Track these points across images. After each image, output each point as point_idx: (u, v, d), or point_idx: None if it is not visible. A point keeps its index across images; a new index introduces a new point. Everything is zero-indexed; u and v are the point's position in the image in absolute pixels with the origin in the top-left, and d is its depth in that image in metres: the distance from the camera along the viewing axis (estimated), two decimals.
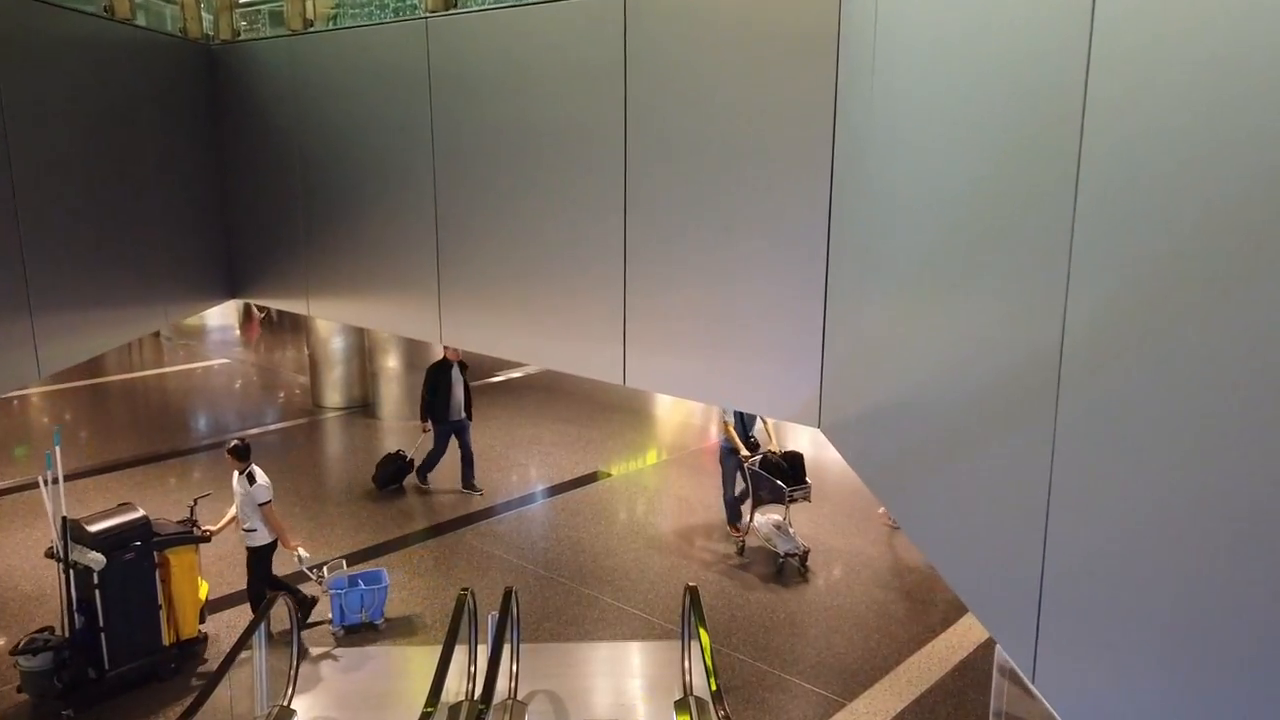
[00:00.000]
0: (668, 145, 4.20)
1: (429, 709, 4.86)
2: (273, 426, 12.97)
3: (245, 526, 7.07)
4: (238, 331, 20.75)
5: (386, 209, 5.68)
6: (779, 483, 8.41)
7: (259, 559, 7.14)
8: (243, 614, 7.36)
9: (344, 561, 7.71)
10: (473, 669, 6.24)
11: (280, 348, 18.78)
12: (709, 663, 5.17)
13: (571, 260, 4.66)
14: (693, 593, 6.02)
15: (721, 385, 4.14)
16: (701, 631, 5.57)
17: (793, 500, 8.47)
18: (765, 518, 8.88)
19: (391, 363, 13.00)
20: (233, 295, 6.60)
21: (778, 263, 3.90)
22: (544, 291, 4.84)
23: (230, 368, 16.78)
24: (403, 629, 7.45)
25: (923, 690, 6.61)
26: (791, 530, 8.76)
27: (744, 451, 8.79)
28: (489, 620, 6.10)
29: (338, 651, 7.07)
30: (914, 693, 6.58)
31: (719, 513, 9.89)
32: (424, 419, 10.38)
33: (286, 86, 6.14)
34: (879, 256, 3.00)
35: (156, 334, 19.44)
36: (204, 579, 7.16)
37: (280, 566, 7.46)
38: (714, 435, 13.14)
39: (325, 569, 7.50)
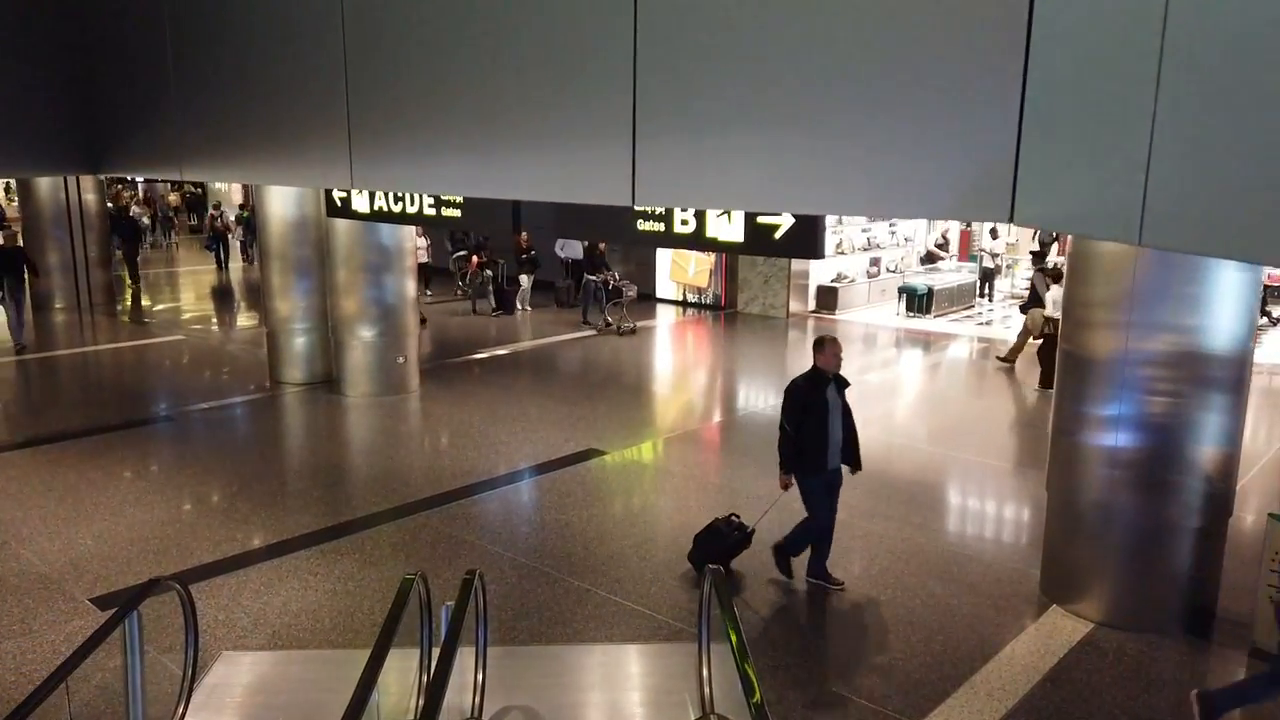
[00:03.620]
0: None
1: None
2: (221, 403, 11.47)
3: None
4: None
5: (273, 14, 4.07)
6: None
7: None
8: None
9: None
10: (425, 678, 4.77)
11: (235, 322, 17.28)
12: (748, 670, 3.68)
13: (542, 25, 3.12)
14: (716, 576, 4.52)
15: (792, 186, 2.63)
16: (730, 629, 4.08)
17: None
18: None
19: (360, 333, 11.47)
20: (94, 169, 5.00)
21: None
22: (498, 85, 3.24)
23: (184, 342, 15.29)
24: (344, 629, 5.98)
25: (1010, 706, 5.12)
26: None
27: None
28: (443, 613, 4.62)
29: (255, 655, 5.57)
30: (999, 709, 5.09)
31: (733, 494, 8.37)
32: (785, 469, 6.41)
33: None
34: None
35: (114, 313, 17.91)
36: None
37: None
38: (716, 417, 11.69)
39: None
